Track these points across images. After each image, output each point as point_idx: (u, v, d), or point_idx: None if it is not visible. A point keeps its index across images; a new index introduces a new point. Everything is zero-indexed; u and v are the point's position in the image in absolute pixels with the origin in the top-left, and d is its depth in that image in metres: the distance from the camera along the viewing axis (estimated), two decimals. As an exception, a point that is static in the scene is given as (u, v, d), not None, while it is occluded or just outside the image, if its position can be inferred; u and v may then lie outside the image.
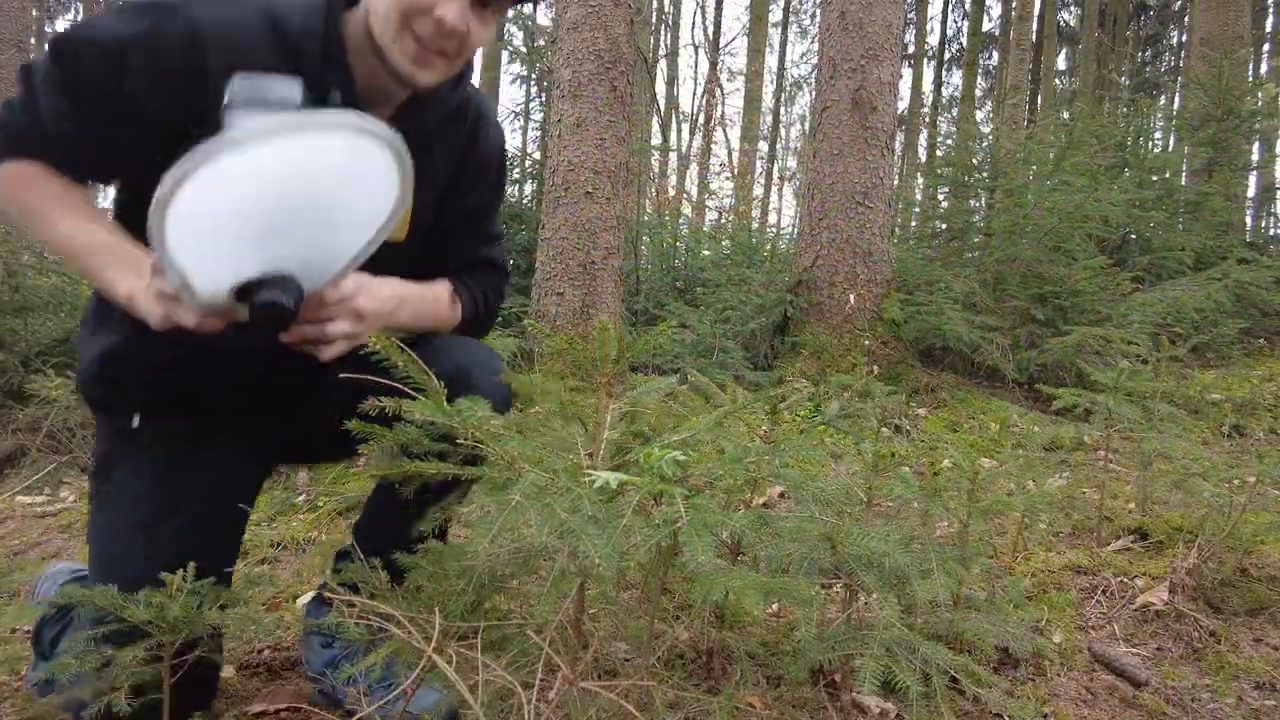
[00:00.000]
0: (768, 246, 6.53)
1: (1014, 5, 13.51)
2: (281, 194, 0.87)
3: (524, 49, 8.05)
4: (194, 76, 0.99)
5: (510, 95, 37.97)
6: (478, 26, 1.07)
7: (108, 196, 1.21)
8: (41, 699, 1.20)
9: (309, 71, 1.03)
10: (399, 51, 1.03)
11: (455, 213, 1.30)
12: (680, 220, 7.56)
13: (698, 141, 15.44)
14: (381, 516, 1.28)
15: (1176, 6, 17.70)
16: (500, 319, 4.60)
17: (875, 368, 4.24)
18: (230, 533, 1.20)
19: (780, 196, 20.09)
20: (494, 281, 1.38)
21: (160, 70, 0.98)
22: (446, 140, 1.24)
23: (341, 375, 1.07)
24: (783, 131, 20.63)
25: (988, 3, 17.03)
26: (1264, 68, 13.79)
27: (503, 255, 1.41)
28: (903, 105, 15.50)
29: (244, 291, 0.89)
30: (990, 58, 19.83)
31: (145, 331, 0.98)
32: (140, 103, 0.99)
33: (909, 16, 16.44)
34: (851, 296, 4.44)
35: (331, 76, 1.06)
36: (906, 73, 17.92)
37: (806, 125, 18.25)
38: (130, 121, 1.00)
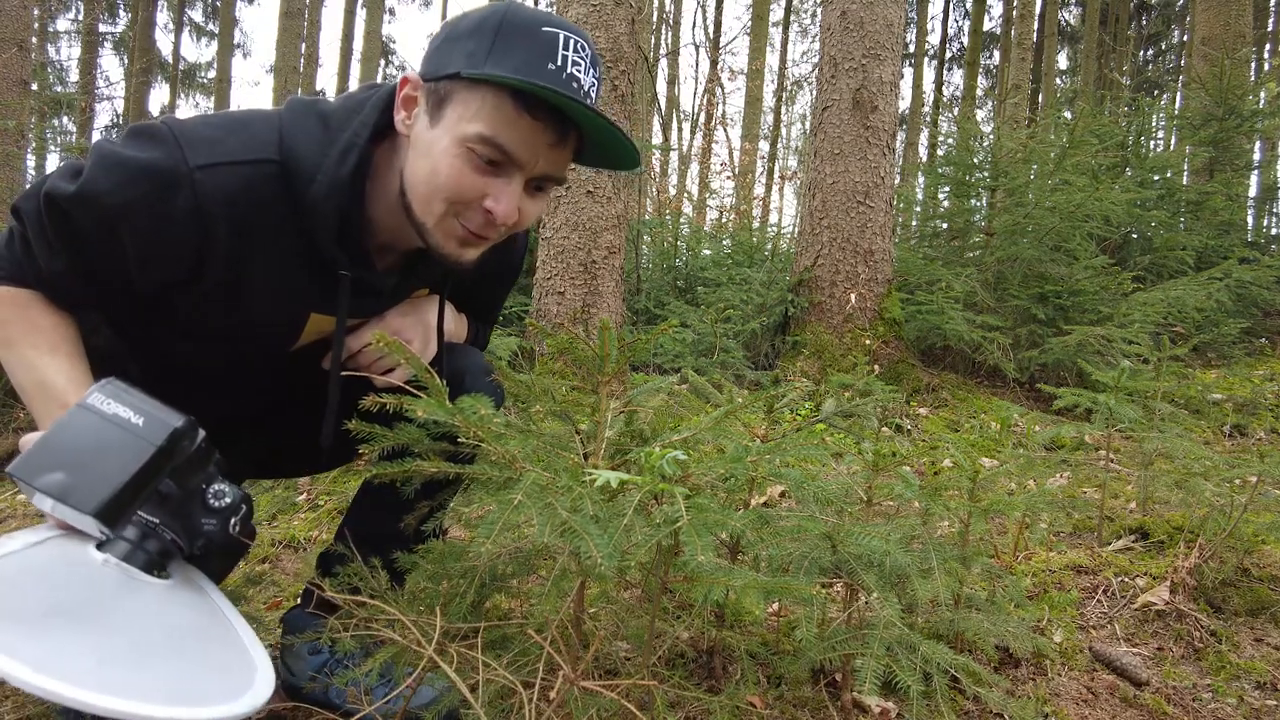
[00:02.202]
0: (768, 246, 6.53)
1: (1015, 4, 13.50)
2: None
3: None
4: (194, 243, 0.93)
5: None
6: (531, 208, 1.01)
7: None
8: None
9: (320, 244, 0.98)
10: (442, 235, 0.97)
11: (465, 302, 1.34)
12: (681, 219, 7.56)
13: (698, 141, 15.44)
14: (372, 514, 1.28)
15: (1178, 6, 17.68)
16: (501, 318, 4.60)
17: (876, 367, 4.24)
18: None
19: (781, 196, 20.11)
20: (484, 331, 1.44)
21: (159, 239, 0.92)
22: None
23: (345, 373, 1.08)
24: (784, 131, 20.64)
25: (989, 2, 17.02)
26: (1265, 67, 13.77)
27: (489, 331, 1.48)
28: (904, 104, 15.49)
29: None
30: (991, 57, 19.83)
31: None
32: (132, 258, 0.94)
33: (910, 15, 16.44)
34: (852, 296, 4.44)
35: (344, 256, 1.01)
36: (907, 72, 17.92)
37: (807, 124, 18.24)
38: (122, 271, 0.95)
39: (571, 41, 0.92)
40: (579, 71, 0.93)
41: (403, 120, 0.98)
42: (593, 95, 0.96)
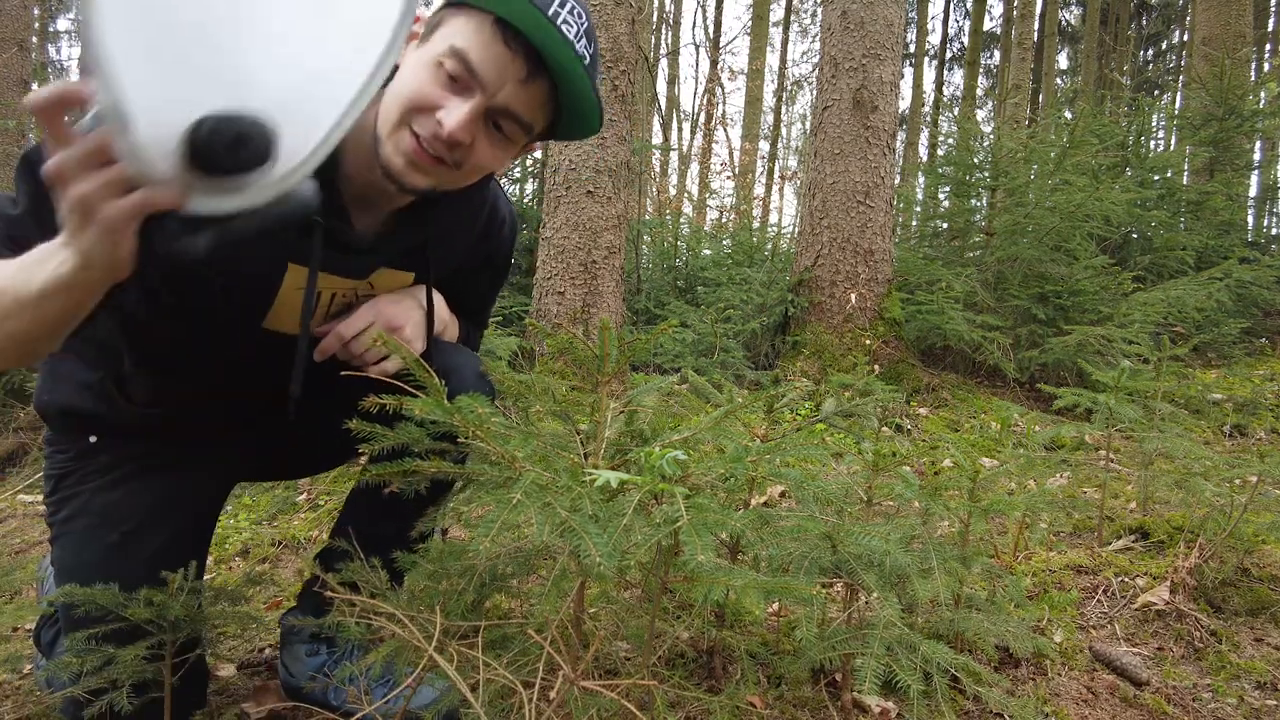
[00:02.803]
0: (768, 246, 6.52)
1: (1015, 4, 13.49)
2: None
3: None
4: None
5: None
6: (486, 146, 0.99)
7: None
8: (49, 693, 1.20)
9: None
10: (393, 147, 0.96)
11: (455, 300, 1.32)
12: (681, 219, 7.55)
13: (698, 141, 15.44)
14: (369, 513, 1.28)
15: (1179, 6, 17.68)
16: (501, 318, 4.60)
17: (876, 367, 4.24)
18: (192, 552, 1.14)
19: (781, 195, 20.10)
20: (475, 335, 1.43)
21: None
22: (454, 244, 1.22)
23: (343, 374, 1.08)
24: (784, 130, 20.63)
25: (989, 2, 17.00)
26: (1265, 67, 13.77)
27: (480, 334, 1.46)
28: (904, 104, 15.48)
29: (198, 137, 0.64)
30: (992, 57, 19.82)
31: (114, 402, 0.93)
32: None
33: (910, 15, 16.44)
34: (852, 296, 4.44)
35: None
36: (908, 72, 17.92)
37: (807, 124, 18.24)
38: None
39: (569, 3, 0.94)
40: (568, 30, 0.93)
41: (403, 53, 1.00)
42: (583, 57, 0.95)
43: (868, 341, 4.36)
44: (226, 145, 0.63)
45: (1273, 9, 14.05)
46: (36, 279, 0.77)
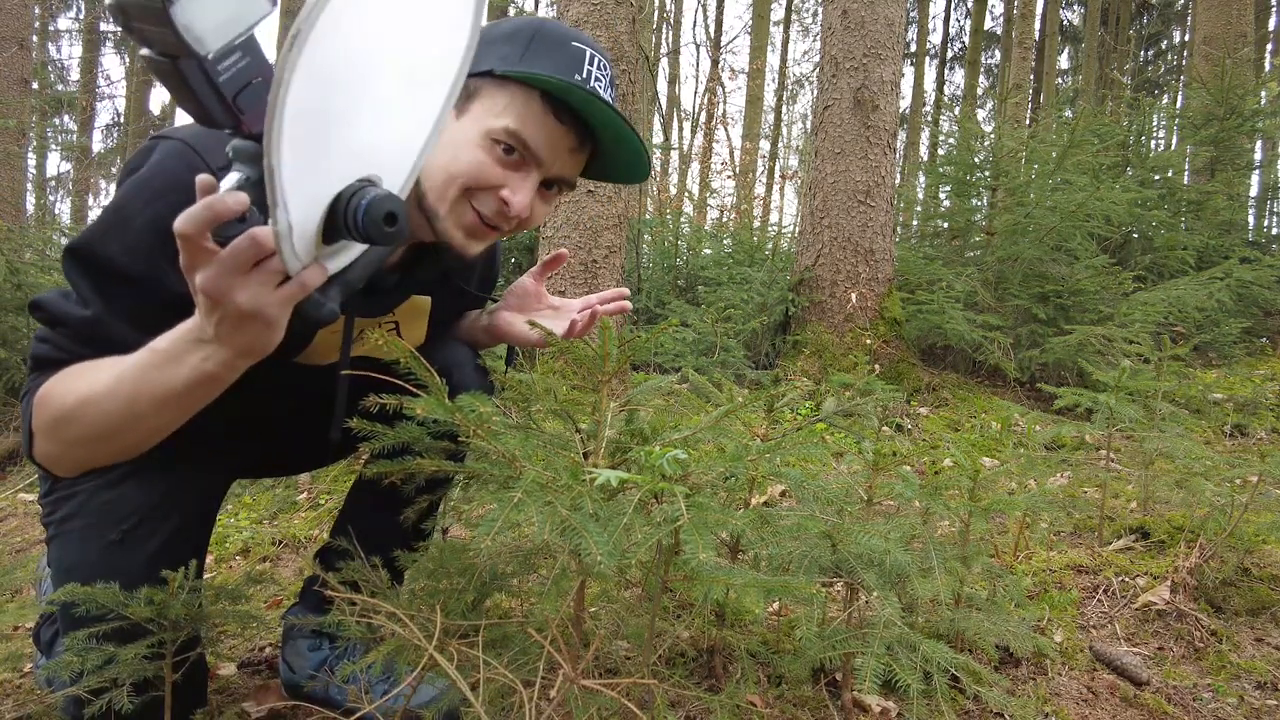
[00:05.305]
0: (769, 245, 6.52)
1: (1016, 4, 13.48)
2: (362, 61, 0.68)
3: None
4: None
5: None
6: (539, 207, 1.04)
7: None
8: (49, 692, 1.20)
9: None
10: (454, 222, 0.98)
11: (455, 315, 1.34)
12: (682, 219, 7.55)
13: (699, 140, 15.43)
14: (371, 512, 1.28)
15: (1179, 5, 17.67)
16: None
17: (877, 366, 4.24)
18: (193, 550, 1.12)
19: (782, 195, 20.10)
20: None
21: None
22: (467, 270, 1.25)
23: (344, 371, 1.08)
24: (784, 130, 20.61)
25: (990, 1, 16.99)
26: (1266, 66, 13.76)
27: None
28: (905, 104, 15.47)
29: (336, 214, 0.70)
30: (992, 56, 19.82)
31: None
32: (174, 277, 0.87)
33: (911, 15, 16.44)
34: (853, 295, 4.44)
35: None
36: (908, 71, 17.91)
37: (808, 124, 18.24)
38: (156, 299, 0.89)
39: (596, 59, 0.99)
40: (600, 87, 0.98)
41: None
42: (618, 109, 1.00)
43: (868, 341, 4.36)
44: (382, 221, 0.70)
45: (1273, 8, 14.03)
46: (178, 378, 0.80)
